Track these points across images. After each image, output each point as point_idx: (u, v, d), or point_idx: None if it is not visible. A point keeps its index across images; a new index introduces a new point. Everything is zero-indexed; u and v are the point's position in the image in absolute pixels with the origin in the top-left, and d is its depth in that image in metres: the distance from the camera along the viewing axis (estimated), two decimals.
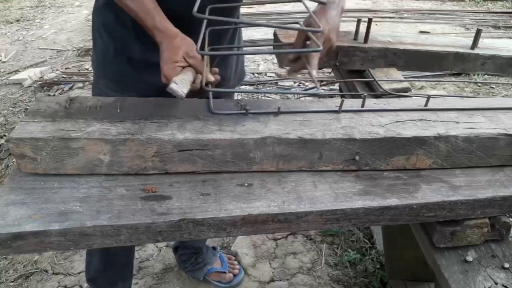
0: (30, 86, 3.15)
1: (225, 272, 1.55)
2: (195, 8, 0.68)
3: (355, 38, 1.16)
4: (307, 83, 3.04)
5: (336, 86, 2.46)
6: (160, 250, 1.72)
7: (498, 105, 0.85)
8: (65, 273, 1.61)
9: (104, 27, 0.96)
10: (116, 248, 1.17)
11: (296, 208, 0.66)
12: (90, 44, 3.87)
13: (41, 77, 3.22)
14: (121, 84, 0.95)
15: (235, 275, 1.56)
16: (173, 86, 0.68)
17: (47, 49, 3.95)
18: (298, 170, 0.74)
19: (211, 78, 0.79)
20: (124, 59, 0.95)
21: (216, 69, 0.86)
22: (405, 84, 1.09)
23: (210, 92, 0.80)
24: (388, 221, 0.70)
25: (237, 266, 1.60)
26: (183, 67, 0.78)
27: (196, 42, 0.71)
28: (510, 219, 0.78)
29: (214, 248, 1.63)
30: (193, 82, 0.77)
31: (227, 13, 0.94)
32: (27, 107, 2.79)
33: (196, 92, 0.77)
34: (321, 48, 0.73)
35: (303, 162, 0.73)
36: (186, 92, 0.69)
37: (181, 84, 0.70)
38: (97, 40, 1.00)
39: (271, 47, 1.09)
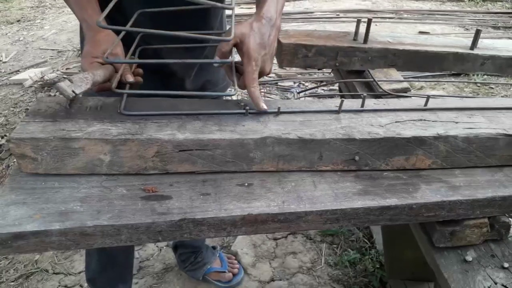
0: (31, 87, 3.16)
1: (224, 272, 1.55)
2: None
3: (355, 39, 1.16)
4: (307, 83, 3.05)
5: (336, 87, 2.47)
6: (160, 250, 1.73)
7: (498, 105, 0.86)
8: (66, 272, 1.62)
9: None
10: (115, 248, 1.17)
11: (296, 208, 0.66)
12: None
13: (41, 78, 3.23)
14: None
15: (234, 275, 1.56)
16: (61, 84, 0.63)
17: (47, 49, 3.95)
18: (298, 170, 0.74)
19: (130, 78, 0.76)
20: None
21: (140, 70, 0.82)
22: (405, 85, 1.09)
23: (125, 93, 0.75)
24: (388, 221, 0.70)
25: (237, 266, 1.60)
26: (103, 64, 0.75)
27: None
28: (510, 219, 0.78)
29: (213, 247, 1.63)
30: (109, 81, 0.74)
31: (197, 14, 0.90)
32: (28, 107, 2.80)
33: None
34: (231, 59, 0.68)
35: (303, 162, 0.74)
36: (78, 93, 0.65)
37: (77, 83, 0.64)
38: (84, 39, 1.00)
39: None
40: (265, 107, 0.73)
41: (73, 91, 0.63)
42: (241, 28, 0.73)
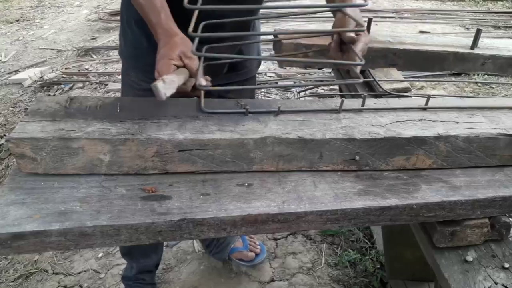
0: (30, 86, 3.15)
1: (247, 251, 1.60)
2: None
3: None
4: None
5: (336, 86, 2.47)
6: None
7: (498, 105, 0.85)
8: (65, 273, 1.61)
9: (135, 21, 0.98)
10: None
11: (296, 208, 0.66)
12: (90, 44, 3.87)
13: (41, 77, 3.22)
14: (153, 75, 0.88)
15: (257, 254, 1.61)
16: (159, 84, 0.64)
17: (47, 49, 3.95)
18: (298, 170, 0.74)
19: (203, 82, 0.78)
20: (156, 50, 0.95)
21: (209, 78, 0.84)
22: (405, 84, 1.09)
23: (202, 92, 0.78)
24: (388, 221, 0.70)
25: (258, 246, 1.64)
26: (178, 66, 0.77)
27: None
28: (510, 219, 0.78)
29: None
30: (184, 84, 0.75)
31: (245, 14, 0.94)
32: (27, 107, 2.79)
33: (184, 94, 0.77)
34: (363, 62, 0.74)
35: (303, 162, 0.73)
36: (168, 95, 0.66)
37: (168, 85, 0.66)
38: (127, 33, 1.01)
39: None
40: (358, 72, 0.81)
41: (164, 94, 0.65)
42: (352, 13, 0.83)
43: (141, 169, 0.70)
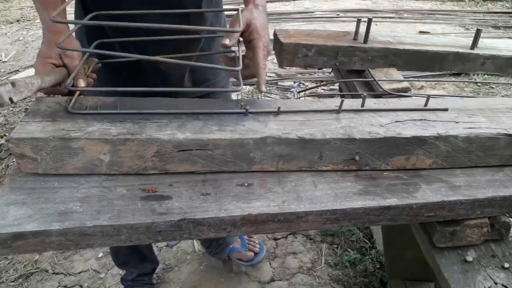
0: None
1: (245, 251, 1.61)
2: None
3: (355, 38, 1.16)
4: (307, 83, 3.05)
5: (336, 86, 2.47)
6: (160, 250, 1.72)
7: (498, 104, 0.85)
8: (65, 273, 1.61)
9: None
10: None
11: (296, 208, 0.66)
12: None
13: None
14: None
15: (256, 254, 1.61)
16: (1, 89, 0.56)
17: None
18: (298, 170, 0.74)
19: (82, 83, 0.75)
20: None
21: (94, 75, 0.81)
22: (405, 84, 1.09)
23: (76, 92, 0.74)
24: (388, 221, 0.70)
25: (258, 245, 1.65)
26: (57, 66, 0.75)
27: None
28: (510, 219, 0.78)
29: None
30: (59, 85, 0.73)
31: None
32: (27, 107, 2.79)
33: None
34: (240, 68, 0.69)
35: (303, 162, 0.73)
36: (16, 100, 0.59)
37: (20, 89, 0.59)
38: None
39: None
40: (265, 89, 0.75)
41: (10, 99, 0.58)
42: (244, 14, 0.76)
43: (141, 169, 0.70)
